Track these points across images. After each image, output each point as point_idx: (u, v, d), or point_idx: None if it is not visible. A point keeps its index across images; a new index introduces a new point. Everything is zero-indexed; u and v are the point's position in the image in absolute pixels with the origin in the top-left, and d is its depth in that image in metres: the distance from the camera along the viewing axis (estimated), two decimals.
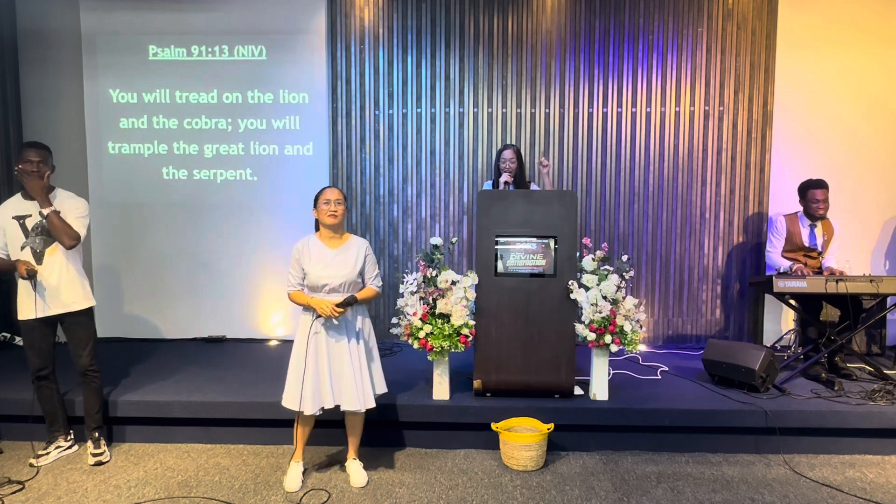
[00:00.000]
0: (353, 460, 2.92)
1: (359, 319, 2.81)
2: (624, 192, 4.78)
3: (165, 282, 4.86)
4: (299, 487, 2.78)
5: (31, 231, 2.94)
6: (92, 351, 3.08)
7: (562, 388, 3.33)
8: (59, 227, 2.89)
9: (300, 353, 2.73)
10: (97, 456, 3.05)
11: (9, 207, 2.98)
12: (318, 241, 2.81)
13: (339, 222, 2.80)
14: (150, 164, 4.84)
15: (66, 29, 4.77)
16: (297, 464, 2.85)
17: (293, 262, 2.78)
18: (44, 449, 3.06)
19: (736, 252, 4.78)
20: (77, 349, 3.05)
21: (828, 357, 3.85)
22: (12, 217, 2.94)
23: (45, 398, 3.07)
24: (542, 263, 3.33)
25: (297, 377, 2.71)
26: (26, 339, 3.00)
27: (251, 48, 4.77)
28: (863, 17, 4.58)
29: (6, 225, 2.93)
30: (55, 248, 2.96)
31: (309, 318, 2.74)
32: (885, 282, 3.59)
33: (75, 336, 3.04)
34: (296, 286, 2.80)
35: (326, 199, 2.77)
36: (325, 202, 2.76)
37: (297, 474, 2.81)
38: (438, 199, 4.84)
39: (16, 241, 2.93)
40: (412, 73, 4.78)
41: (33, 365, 3.01)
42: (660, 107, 4.72)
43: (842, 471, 3.00)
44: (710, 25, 4.67)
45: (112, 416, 3.28)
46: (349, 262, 2.77)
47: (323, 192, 2.81)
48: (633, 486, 2.83)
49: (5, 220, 2.94)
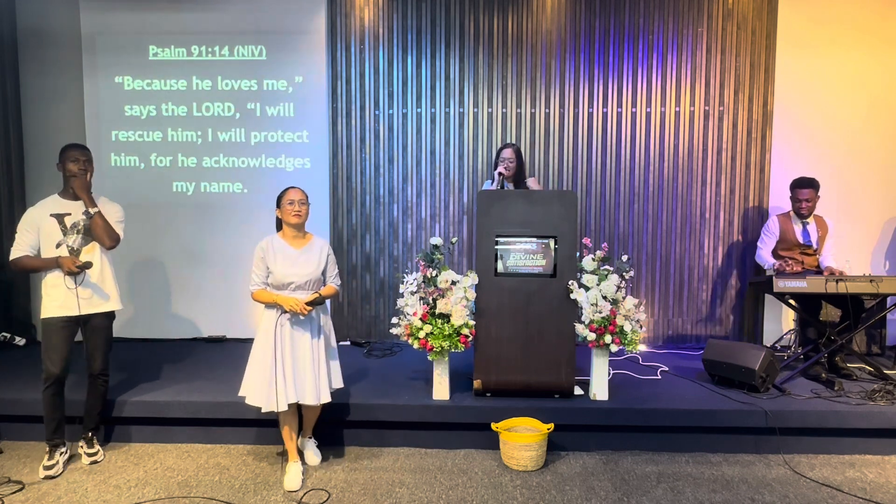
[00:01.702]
0: (308, 438, 3.06)
1: (321, 317, 2.90)
2: (624, 192, 4.78)
3: (165, 281, 4.86)
4: (300, 486, 2.78)
5: (69, 229, 2.92)
6: (108, 355, 3.08)
7: (562, 388, 3.33)
8: (103, 228, 2.93)
9: (267, 350, 2.76)
10: (92, 456, 3.05)
11: (47, 205, 2.95)
12: (281, 241, 2.87)
13: (303, 222, 2.87)
14: (150, 160, 4.84)
15: (66, 29, 4.77)
16: (294, 463, 2.86)
17: (257, 261, 2.82)
18: (51, 459, 2.92)
19: (736, 252, 4.78)
20: (95, 351, 3.02)
21: (828, 357, 3.85)
22: (50, 214, 2.91)
23: (56, 406, 2.94)
24: (542, 263, 3.33)
25: (266, 375, 2.75)
26: (49, 341, 2.87)
27: (251, 48, 4.78)
28: (863, 17, 4.58)
29: (42, 222, 2.89)
30: (92, 248, 2.97)
31: (273, 315, 2.78)
32: (885, 282, 3.59)
33: (97, 338, 3.01)
34: (259, 284, 2.84)
35: (290, 199, 2.83)
36: (290, 202, 2.82)
37: (296, 473, 2.82)
38: (438, 199, 4.84)
39: (52, 238, 2.89)
40: (412, 73, 4.78)
41: (52, 370, 2.86)
42: (660, 107, 4.72)
43: (842, 471, 3.00)
44: (710, 25, 4.67)
45: (112, 416, 3.28)
46: (313, 261, 2.85)
47: (286, 193, 2.86)
48: (633, 486, 2.83)
49: (42, 217, 2.90)
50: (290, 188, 2.89)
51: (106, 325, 3.06)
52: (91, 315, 2.97)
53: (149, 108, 4.82)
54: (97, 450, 3.09)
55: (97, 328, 3.01)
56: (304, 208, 2.84)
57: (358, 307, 4.92)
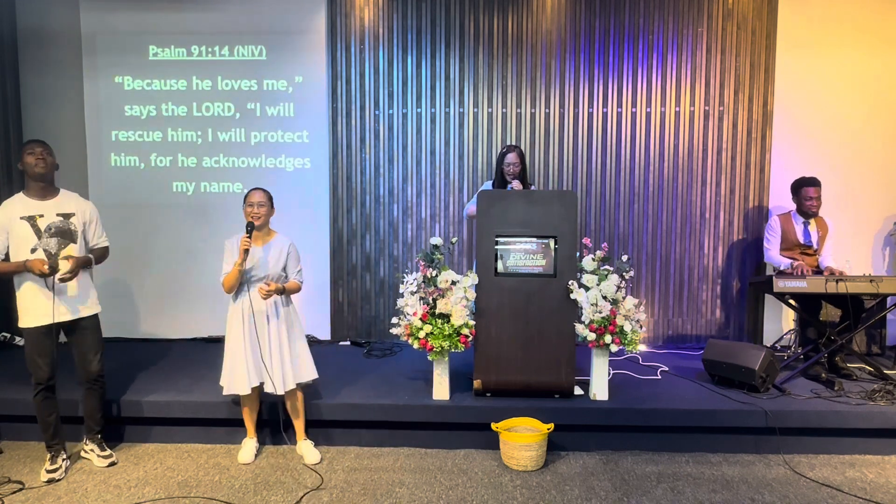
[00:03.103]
0: (304, 440, 3.14)
1: (282, 309, 3.05)
2: (624, 192, 4.78)
3: (165, 282, 4.86)
4: (252, 460, 3.05)
5: (43, 232, 2.80)
6: (102, 357, 3.02)
7: (562, 388, 3.33)
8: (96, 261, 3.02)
9: (233, 337, 2.98)
10: (107, 458, 3.02)
11: (14, 206, 2.80)
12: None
13: (264, 223, 3.02)
14: (150, 160, 4.84)
15: (66, 29, 4.77)
16: (250, 440, 3.13)
17: (226, 254, 3.01)
18: (53, 464, 2.89)
19: (736, 252, 4.78)
20: (88, 355, 2.95)
21: (828, 357, 3.85)
22: (20, 217, 2.77)
23: (50, 410, 2.89)
24: (542, 263, 3.33)
25: (232, 361, 2.97)
26: (35, 348, 2.80)
27: (251, 48, 4.77)
28: (863, 17, 4.58)
29: (13, 226, 2.76)
30: (71, 250, 2.85)
31: (237, 307, 2.99)
32: (885, 282, 3.59)
33: (87, 342, 2.94)
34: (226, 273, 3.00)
35: (250, 202, 2.99)
36: (250, 205, 2.99)
37: (250, 448, 3.10)
38: (438, 199, 4.84)
39: (27, 243, 2.77)
40: (412, 73, 4.78)
41: (41, 375, 2.82)
42: (660, 107, 4.72)
43: (842, 471, 3.00)
44: (710, 25, 4.67)
45: (112, 416, 3.28)
46: (272, 259, 3.02)
47: (248, 195, 3.02)
48: (633, 486, 2.83)
49: (11, 219, 2.76)
50: (253, 190, 3.04)
51: (95, 326, 2.99)
52: (72, 321, 2.89)
53: (149, 108, 4.82)
54: (110, 452, 3.07)
55: (85, 331, 2.94)
56: (263, 210, 2.99)
57: (358, 307, 4.92)
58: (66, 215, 2.88)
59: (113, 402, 3.28)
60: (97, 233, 3.03)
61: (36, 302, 2.80)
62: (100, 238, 3.05)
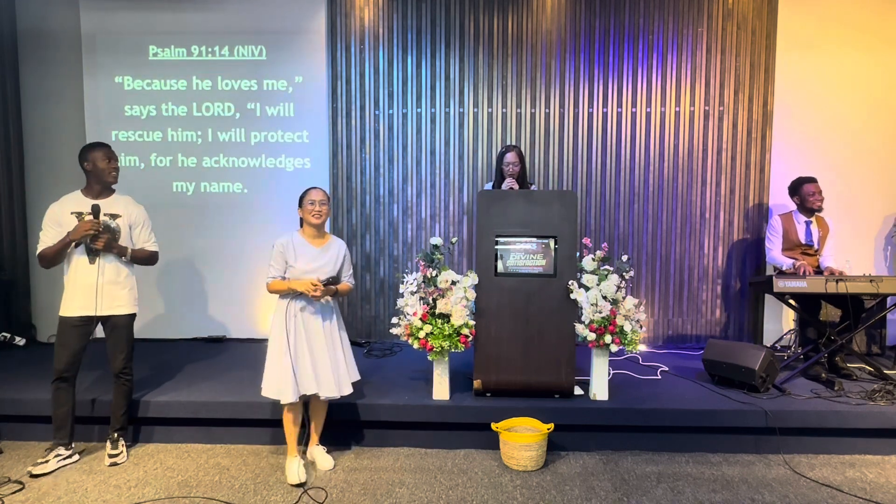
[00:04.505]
0: (316, 446, 3.05)
1: (333, 311, 2.97)
2: (624, 192, 4.78)
3: (165, 282, 4.87)
4: (305, 478, 2.80)
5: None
6: (130, 354, 3.11)
7: (562, 388, 3.33)
8: (143, 261, 3.10)
9: (281, 342, 2.81)
10: (113, 457, 3.03)
11: (69, 202, 2.97)
12: (301, 239, 2.93)
13: (323, 222, 2.92)
14: (150, 160, 4.85)
15: (66, 29, 4.77)
16: (294, 458, 2.88)
17: (276, 256, 2.87)
18: (42, 457, 2.93)
19: (736, 252, 4.78)
20: (116, 351, 3.06)
21: (828, 357, 3.85)
22: (71, 212, 2.93)
23: (62, 402, 2.97)
24: (542, 263, 3.33)
25: (279, 367, 2.79)
26: (62, 337, 2.94)
27: (251, 48, 4.78)
28: (863, 17, 4.58)
29: (64, 219, 2.92)
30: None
31: (283, 305, 2.84)
32: (885, 282, 3.58)
33: (118, 338, 3.05)
34: (276, 277, 2.89)
35: (311, 199, 2.89)
36: (311, 202, 2.88)
37: (297, 467, 2.83)
38: (438, 199, 4.84)
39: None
40: (412, 73, 4.78)
41: (60, 364, 2.93)
42: (660, 107, 4.72)
43: (842, 471, 3.00)
44: (710, 25, 4.67)
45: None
46: (331, 260, 2.92)
47: (308, 193, 2.92)
48: (633, 486, 2.83)
49: (63, 213, 2.93)
50: (312, 188, 2.93)
51: (128, 323, 3.09)
52: (110, 315, 3.01)
53: (149, 108, 4.82)
54: (120, 451, 3.07)
55: (118, 328, 3.05)
56: (324, 209, 2.90)
57: (358, 307, 4.92)
58: (112, 215, 3.01)
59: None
60: (143, 236, 3.13)
61: (77, 293, 2.94)
62: (146, 241, 3.15)
